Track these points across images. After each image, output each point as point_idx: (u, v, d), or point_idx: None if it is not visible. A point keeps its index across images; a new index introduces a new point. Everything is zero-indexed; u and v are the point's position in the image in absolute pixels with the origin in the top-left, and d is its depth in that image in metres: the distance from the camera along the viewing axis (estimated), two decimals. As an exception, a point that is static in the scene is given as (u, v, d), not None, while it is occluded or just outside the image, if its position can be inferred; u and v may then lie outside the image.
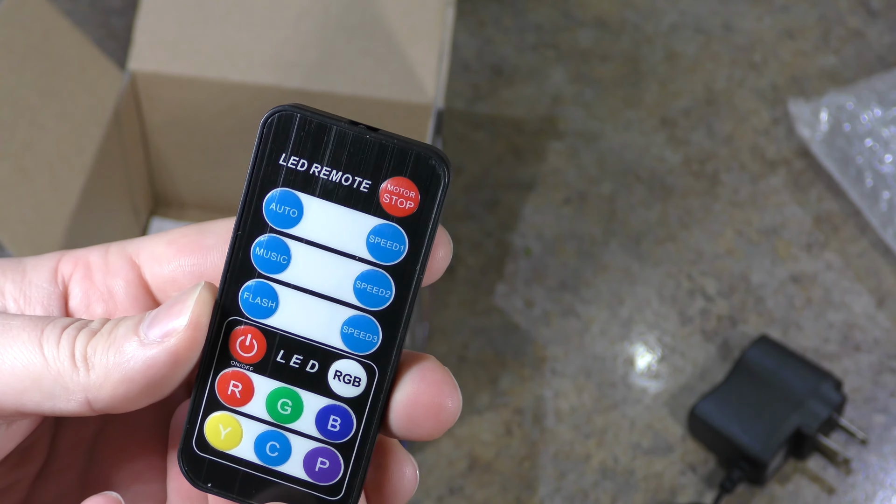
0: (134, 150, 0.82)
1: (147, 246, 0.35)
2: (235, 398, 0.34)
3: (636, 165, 0.92)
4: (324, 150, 0.33)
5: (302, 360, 0.33)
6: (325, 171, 0.33)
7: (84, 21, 1.00)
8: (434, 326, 0.82)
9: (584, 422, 0.78)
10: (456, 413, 0.33)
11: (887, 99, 0.89)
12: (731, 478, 0.73)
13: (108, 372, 0.31)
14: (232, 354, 0.33)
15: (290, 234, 0.33)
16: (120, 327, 0.32)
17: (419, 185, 0.33)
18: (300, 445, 0.34)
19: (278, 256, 0.33)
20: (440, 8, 0.78)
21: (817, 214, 0.89)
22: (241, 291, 0.33)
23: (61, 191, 0.72)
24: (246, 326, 0.33)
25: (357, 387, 0.34)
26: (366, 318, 0.33)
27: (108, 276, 0.34)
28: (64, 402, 0.32)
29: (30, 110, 0.72)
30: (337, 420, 0.34)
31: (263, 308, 0.33)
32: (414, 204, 0.33)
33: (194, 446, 0.34)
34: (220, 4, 0.79)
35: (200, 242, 0.34)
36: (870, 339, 0.82)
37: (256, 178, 0.33)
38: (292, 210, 0.33)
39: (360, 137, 0.33)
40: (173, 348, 0.31)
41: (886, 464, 0.76)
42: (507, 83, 0.98)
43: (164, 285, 0.34)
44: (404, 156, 0.33)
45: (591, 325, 0.83)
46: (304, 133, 0.33)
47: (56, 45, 0.75)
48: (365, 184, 0.33)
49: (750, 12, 1.03)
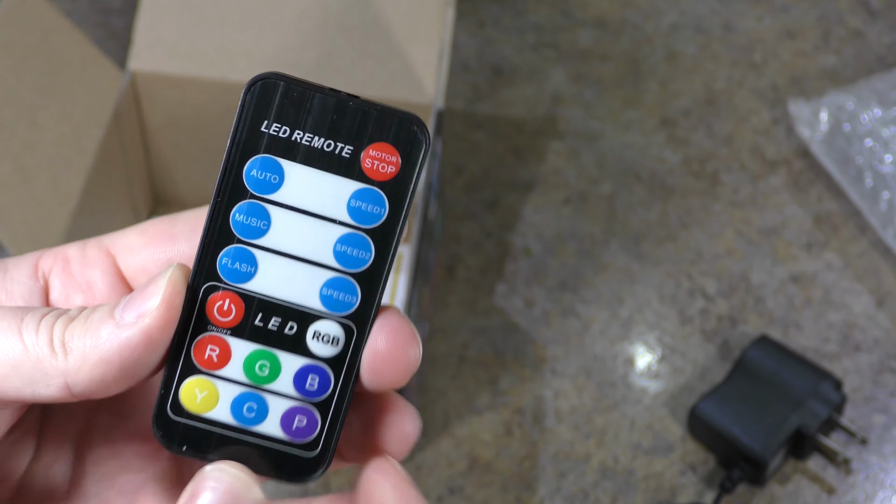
0: (134, 150, 0.82)
1: (121, 237, 0.36)
2: (212, 362, 0.34)
3: (636, 165, 0.92)
4: (306, 117, 0.33)
5: (280, 323, 0.34)
6: (307, 137, 0.33)
7: (84, 21, 1.00)
8: (434, 326, 0.82)
9: (584, 422, 0.78)
10: (417, 361, 0.34)
11: (887, 99, 0.89)
12: (731, 478, 0.73)
13: (85, 355, 0.32)
14: (209, 320, 0.34)
15: (270, 199, 0.34)
16: (96, 312, 0.33)
17: (400, 151, 0.34)
18: (277, 405, 0.34)
19: (258, 222, 0.34)
20: (440, 8, 0.78)
21: (817, 214, 0.89)
22: (219, 257, 0.34)
23: (61, 191, 0.72)
24: (224, 292, 0.34)
25: (336, 346, 0.34)
26: (345, 279, 0.34)
27: (85, 268, 0.35)
28: (44, 387, 0.32)
29: (30, 110, 0.72)
30: (315, 379, 0.34)
31: (242, 273, 0.34)
32: (395, 168, 0.34)
33: (169, 411, 0.34)
34: (220, 4, 0.79)
35: (170, 231, 0.35)
36: (870, 339, 0.82)
37: (238, 146, 0.33)
38: (273, 176, 0.33)
39: (342, 104, 0.33)
40: (147, 328, 0.32)
41: (886, 464, 0.76)
42: (507, 83, 0.98)
43: (137, 274, 0.36)
44: (386, 122, 0.33)
45: (591, 325, 0.83)
46: (287, 100, 0.33)
47: (56, 45, 0.75)
48: (347, 149, 0.33)
49: (750, 12, 1.03)
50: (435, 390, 0.79)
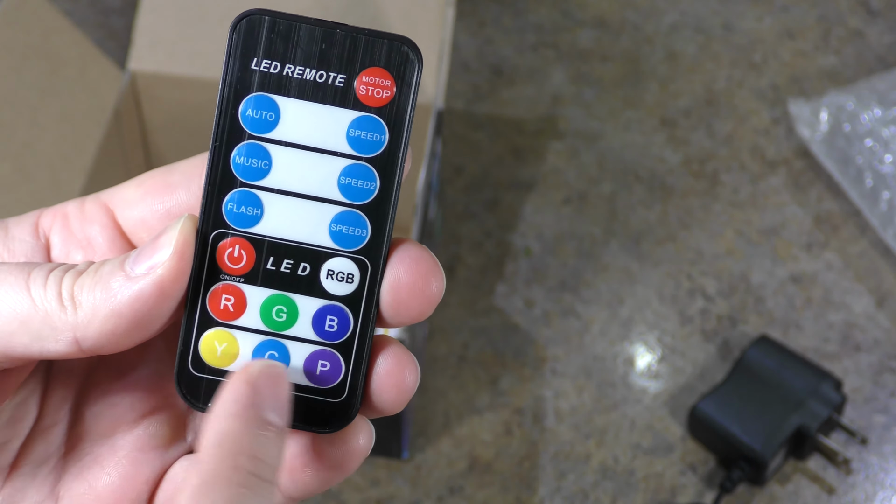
0: (134, 150, 0.82)
1: (118, 191, 0.35)
2: (228, 312, 0.33)
3: (636, 165, 0.92)
4: (295, 50, 0.33)
5: (293, 265, 0.33)
6: (299, 70, 0.33)
7: (84, 21, 1.00)
8: (434, 326, 0.82)
9: (584, 422, 0.78)
10: (441, 290, 0.33)
11: (887, 99, 0.89)
12: (731, 478, 0.73)
13: (95, 308, 0.32)
14: (221, 268, 0.33)
15: (268, 138, 0.33)
16: (106, 265, 0.32)
17: (394, 74, 0.33)
18: (299, 351, 0.34)
19: (259, 162, 0.33)
20: (440, 8, 0.78)
21: (817, 214, 0.89)
22: (224, 203, 0.33)
23: (61, 191, 0.72)
24: (233, 238, 0.33)
25: (351, 283, 0.33)
26: (353, 213, 0.33)
27: (84, 224, 0.35)
28: (52, 342, 0.32)
29: (30, 110, 0.72)
30: (334, 320, 0.33)
31: (248, 217, 0.33)
32: (390, 92, 0.33)
33: (190, 367, 0.33)
34: (220, 4, 0.79)
35: (166, 181, 0.35)
36: (870, 339, 0.82)
37: (230, 86, 0.33)
38: (269, 114, 0.33)
39: (330, 33, 0.33)
40: (159, 279, 0.32)
41: (886, 464, 0.76)
42: (507, 83, 0.98)
43: (135, 227, 0.35)
44: (376, 46, 0.33)
45: (591, 325, 0.83)
46: (274, 35, 0.33)
47: (56, 45, 0.75)
48: (340, 78, 0.33)
49: (750, 12, 1.03)
50: (435, 390, 0.79)
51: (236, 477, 0.30)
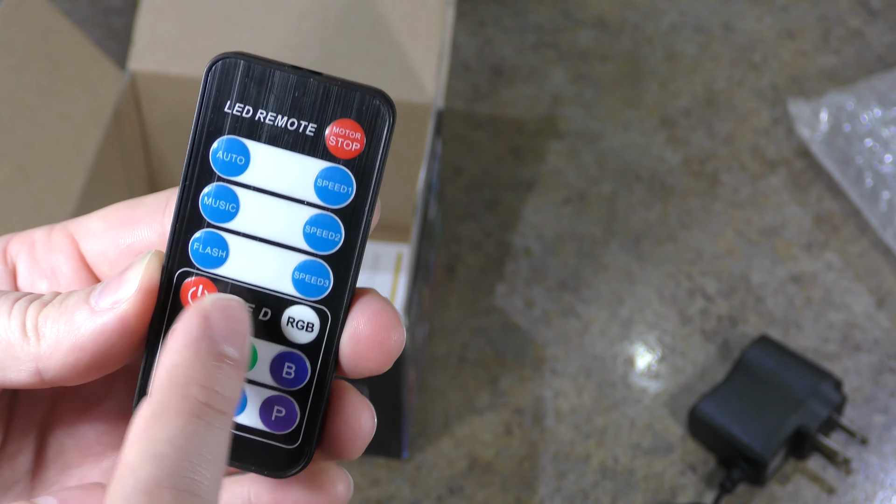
0: (134, 150, 0.82)
1: (84, 222, 0.35)
2: None
3: (636, 165, 0.92)
4: (268, 96, 0.33)
5: (254, 309, 0.33)
6: (271, 116, 0.33)
7: (84, 21, 1.00)
8: (434, 326, 0.82)
9: (584, 422, 0.78)
10: (401, 344, 0.33)
11: (887, 99, 0.89)
12: (731, 478, 0.73)
13: (58, 341, 0.32)
14: (184, 307, 0.33)
15: (237, 181, 0.33)
16: (71, 297, 0.32)
17: (364, 126, 0.33)
18: (255, 395, 0.34)
19: (227, 205, 0.33)
20: (440, 8, 0.78)
21: (817, 214, 0.89)
22: (190, 242, 0.33)
23: (61, 191, 0.72)
24: (197, 277, 0.33)
25: (310, 332, 0.33)
26: (317, 262, 0.33)
27: (50, 253, 0.35)
28: (14, 372, 0.32)
29: (30, 110, 0.72)
30: (291, 367, 0.33)
31: (214, 258, 0.33)
32: (360, 145, 0.33)
33: None
34: (220, 4, 0.79)
35: (130, 217, 0.35)
36: (870, 339, 0.82)
37: (202, 128, 0.33)
38: (239, 157, 0.33)
39: (303, 81, 0.33)
40: (123, 314, 0.32)
41: (886, 464, 0.76)
42: (507, 83, 0.98)
43: (98, 260, 0.35)
44: (348, 98, 0.33)
45: (591, 325, 0.83)
46: (248, 79, 0.33)
47: (56, 45, 0.75)
48: (311, 127, 0.33)
49: (750, 12, 1.03)
50: (435, 390, 0.79)
51: (187, 406, 0.30)
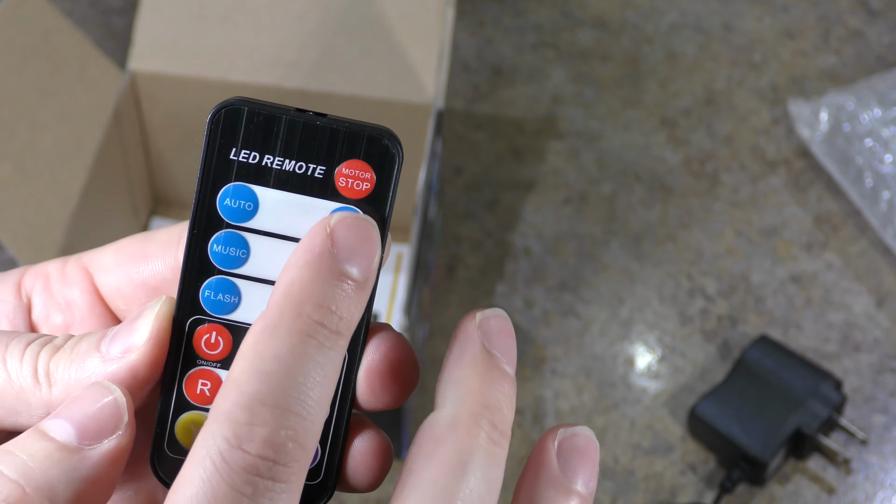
0: (134, 150, 0.82)
1: (97, 255, 0.35)
2: (205, 396, 0.33)
3: (636, 165, 0.92)
4: (274, 141, 0.32)
5: None
6: (278, 161, 0.33)
7: (84, 21, 1.00)
8: (434, 326, 0.82)
9: (584, 422, 0.78)
10: (416, 379, 0.33)
11: (887, 99, 0.89)
12: (731, 478, 0.73)
13: (69, 388, 0.31)
14: (198, 354, 0.33)
15: (247, 227, 0.33)
16: (82, 343, 0.32)
17: (374, 166, 0.33)
18: None
19: (237, 251, 0.33)
20: (440, 8, 0.78)
21: (817, 214, 0.89)
22: (201, 290, 0.33)
23: (61, 191, 0.72)
24: (210, 324, 0.33)
25: None
26: None
27: (64, 287, 0.35)
28: (26, 417, 0.32)
29: (30, 110, 0.72)
30: None
31: (226, 304, 0.33)
32: (370, 185, 0.33)
33: (166, 449, 0.33)
34: (220, 4, 0.79)
35: (143, 251, 0.34)
36: (870, 339, 0.82)
37: (208, 175, 0.33)
38: (247, 203, 0.33)
39: (309, 124, 0.32)
40: (133, 364, 0.31)
41: (886, 464, 0.76)
42: (507, 83, 0.98)
43: (112, 294, 0.35)
44: (356, 138, 0.33)
45: (591, 325, 0.83)
46: (253, 126, 0.32)
47: (56, 45, 0.75)
48: (319, 170, 0.33)
49: (750, 12, 1.03)
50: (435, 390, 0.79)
51: (299, 324, 0.29)
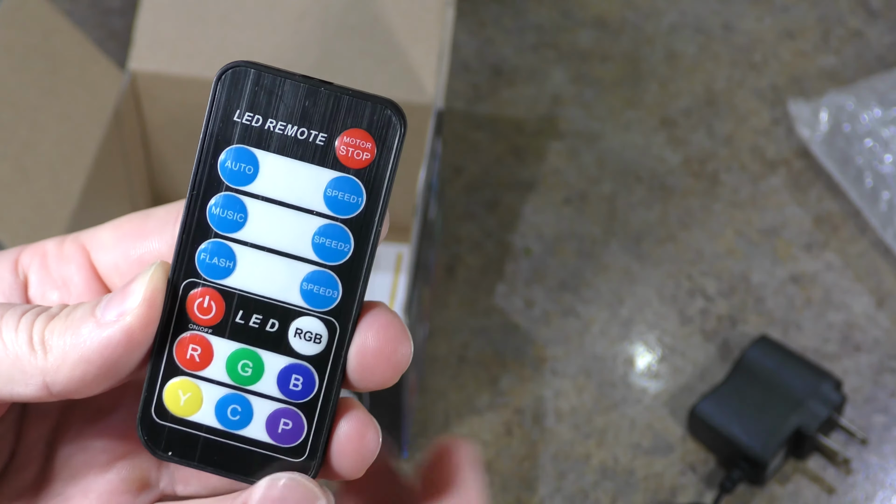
0: (134, 150, 0.82)
1: (96, 233, 0.35)
2: (195, 362, 0.33)
3: (636, 165, 0.92)
4: (278, 105, 0.33)
5: (261, 320, 0.33)
6: (280, 126, 0.33)
7: (84, 21, 1.00)
8: (434, 326, 0.82)
9: (584, 422, 0.78)
10: (408, 358, 0.33)
11: (887, 99, 0.89)
12: (731, 478, 0.73)
13: (65, 354, 0.32)
14: (190, 318, 0.33)
15: (246, 191, 0.33)
16: (77, 310, 0.32)
17: (375, 136, 0.33)
18: (262, 407, 0.33)
19: (235, 215, 0.33)
20: (440, 8, 0.78)
21: (817, 214, 0.89)
22: (197, 252, 0.33)
23: (61, 191, 0.72)
24: (203, 288, 0.33)
25: (318, 344, 0.33)
26: (325, 273, 0.33)
27: (61, 264, 0.35)
28: (22, 386, 0.32)
29: (30, 110, 0.72)
30: (299, 379, 0.33)
31: (221, 268, 0.33)
32: (370, 155, 0.33)
33: (153, 414, 0.33)
34: (220, 4, 0.79)
35: (142, 228, 0.35)
36: (870, 339, 0.82)
37: (211, 137, 0.33)
38: (248, 167, 0.33)
39: (314, 91, 0.33)
40: (128, 326, 0.32)
41: (886, 464, 0.76)
42: (507, 83, 0.98)
43: (109, 271, 0.35)
44: (359, 107, 0.33)
45: (591, 325, 0.83)
46: (258, 88, 0.33)
47: (56, 45, 0.75)
48: (321, 137, 0.33)
49: (750, 12, 1.03)
50: (435, 390, 0.79)
51: None
